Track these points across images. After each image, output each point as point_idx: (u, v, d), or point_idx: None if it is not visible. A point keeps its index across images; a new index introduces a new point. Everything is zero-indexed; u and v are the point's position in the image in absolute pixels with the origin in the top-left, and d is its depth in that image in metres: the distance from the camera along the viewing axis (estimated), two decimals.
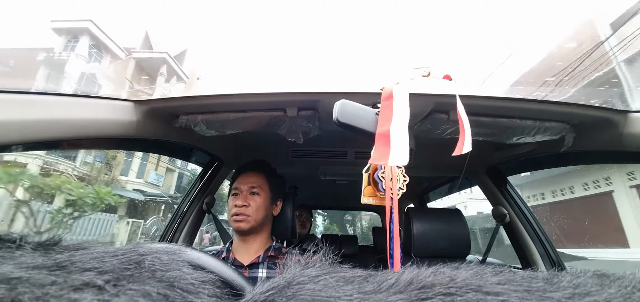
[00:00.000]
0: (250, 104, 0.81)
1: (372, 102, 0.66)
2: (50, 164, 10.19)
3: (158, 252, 0.25)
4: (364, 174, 0.62)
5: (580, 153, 0.95)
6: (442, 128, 0.83)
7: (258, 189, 0.94)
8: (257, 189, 0.94)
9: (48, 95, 0.61)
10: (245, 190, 0.94)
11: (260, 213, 0.92)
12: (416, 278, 0.22)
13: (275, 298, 0.21)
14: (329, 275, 0.24)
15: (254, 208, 0.90)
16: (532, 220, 1.23)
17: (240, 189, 0.94)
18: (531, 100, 0.75)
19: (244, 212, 0.89)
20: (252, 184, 0.94)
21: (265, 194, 0.95)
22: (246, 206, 0.90)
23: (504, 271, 0.24)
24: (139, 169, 13.92)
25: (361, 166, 0.63)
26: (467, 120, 0.54)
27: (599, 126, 0.78)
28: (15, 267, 0.18)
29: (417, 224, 1.15)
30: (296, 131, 0.89)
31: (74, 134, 0.64)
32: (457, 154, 0.51)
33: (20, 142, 0.56)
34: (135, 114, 0.76)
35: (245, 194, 0.93)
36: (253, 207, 0.91)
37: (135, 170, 13.68)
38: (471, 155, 0.53)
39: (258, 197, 0.93)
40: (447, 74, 0.69)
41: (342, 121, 0.57)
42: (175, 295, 0.20)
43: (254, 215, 0.90)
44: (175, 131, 0.91)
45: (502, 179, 1.32)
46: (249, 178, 0.96)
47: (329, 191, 2.36)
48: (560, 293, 0.21)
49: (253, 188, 0.94)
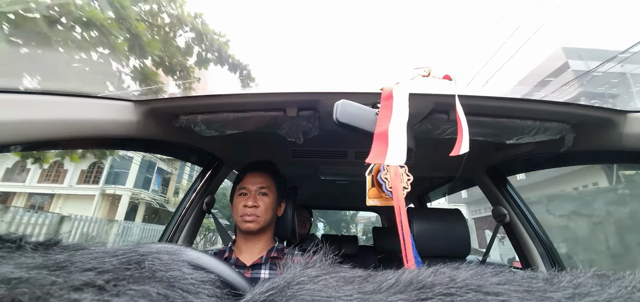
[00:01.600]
0: (250, 104, 0.81)
1: (372, 102, 0.66)
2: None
3: (158, 252, 0.25)
4: (367, 176, 0.62)
5: (580, 153, 0.94)
6: (442, 128, 0.83)
7: (267, 189, 0.94)
8: (266, 190, 0.93)
9: (48, 96, 0.61)
10: (254, 190, 0.93)
11: (269, 214, 0.91)
12: (416, 278, 0.22)
13: (275, 298, 0.21)
14: (329, 275, 0.24)
15: (263, 209, 0.90)
16: (532, 220, 1.23)
17: (248, 189, 0.93)
18: (531, 100, 0.75)
19: (254, 212, 0.89)
20: (261, 185, 0.93)
21: (273, 194, 0.95)
22: (256, 206, 0.89)
23: (504, 271, 0.24)
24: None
25: (361, 166, 0.63)
26: (466, 121, 0.54)
27: (599, 126, 0.78)
28: (15, 267, 0.18)
29: (417, 224, 1.15)
30: (296, 131, 0.89)
31: (74, 134, 0.64)
32: (455, 155, 0.52)
33: (20, 142, 0.56)
34: (135, 114, 0.76)
35: (254, 195, 0.92)
36: (262, 208, 0.90)
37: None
38: (471, 155, 0.53)
39: (267, 198, 0.93)
40: (447, 74, 0.69)
41: (342, 121, 0.57)
42: (175, 295, 0.20)
43: (263, 216, 0.90)
44: (176, 131, 0.91)
45: (502, 179, 1.32)
46: (257, 178, 0.95)
47: (329, 191, 2.36)
48: (560, 293, 0.21)
49: (262, 188, 0.93)
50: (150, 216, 14.25)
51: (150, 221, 12.21)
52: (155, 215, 13.88)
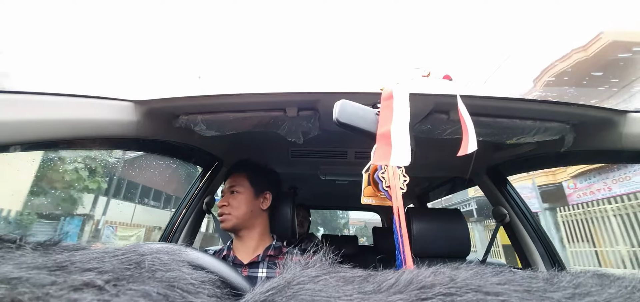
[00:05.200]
0: (250, 104, 0.81)
1: (372, 102, 0.66)
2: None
3: (158, 252, 0.25)
4: (364, 174, 0.62)
5: (580, 153, 0.94)
6: (442, 128, 0.83)
7: (237, 186, 0.98)
8: (236, 187, 0.98)
9: (48, 95, 0.61)
10: (226, 191, 0.99)
11: (242, 209, 0.94)
12: (416, 278, 0.22)
13: (275, 298, 0.21)
14: (329, 275, 0.24)
15: (234, 206, 0.94)
16: (532, 220, 1.23)
17: (224, 191, 1.01)
18: (531, 101, 0.75)
19: (224, 211, 0.94)
20: (230, 184, 0.99)
21: (245, 189, 0.98)
22: (226, 205, 0.95)
23: (504, 271, 0.24)
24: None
25: (361, 166, 0.63)
26: (470, 119, 0.54)
27: (599, 126, 0.78)
28: (15, 267, 0.18)
29: (417, 224, 1.15)
30: (296, 131, 0.89)
31: (74, 134, 0.64)
32: (462, 154, 0.51)
33: (20, 142, 0.56)
34: (135, 114, 0.76)
35: (226, 195, 0.98)
36: (233, 205, 0.94)
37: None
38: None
39: (238, 195, 0.96)
40: (447, 74, 0.69)
41: (342, 121, 0.57)
42: (175, 295, 0.20)
43: (234, 212, 0.93)
44: (176, 131, 0.91)
45: (502, 179, 1.32)
46: (230, 180, 1.01)
47: (328, 191, 2.36)
48: (560, 293, 0.21)
49: (232, 187, 0.98)
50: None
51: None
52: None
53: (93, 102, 0.68)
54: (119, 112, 0.73)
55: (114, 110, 0.72)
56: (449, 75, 0.68)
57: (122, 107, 0.74)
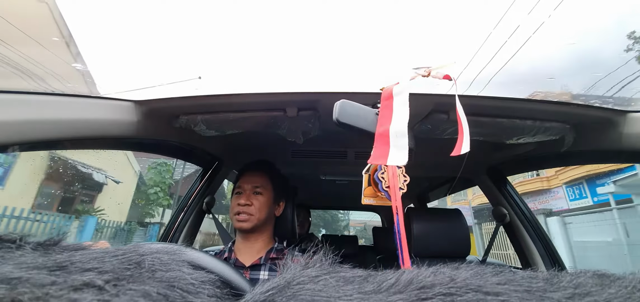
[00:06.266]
0: (250, 104, 0.81)
1: (372, 102, 0.66)
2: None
3: (158, 252, 0.25)
4: (364, 174, 0.62)
5: (580, 153, 0.94)
6: (442, 128, 0.83)
7: (261, 188, 0.94)
8: (260, 189, 0.94)
9: (48, 96, 0.61)
10: (248, 189, 0.94)
11: (263, 213, 0.91)
12: (416, 278, 0.22)
13: (275, 298, 0.21)
14: (329, 275, 0.24)
15: (256, 207, 0.91)
16: (532, 220, 1.23)
17: (243, 188, 0.94)
18: (531, 100, 0.75)
19: (246, 211, 0.89)
20: (255, 184, 0.94)
21: (268, 193, 0.95)
22: (249, 204, 0.90)
23: (504, 271, 0.24)
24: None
25: (361, 166, 0.63)
26: (466, 121, 0.54)
27: (599, 126, 0.78)
28: (15, 267, 0.18)
29: (417, 224, 1.15)
30: (296, 131, 0.89)
31: (74, 134, 0.64)
32: (455, 155, 0.52)
33: (20, 142, 0.56)
34: (135, 114, 0.76)
35: (248, 193, 0.93)
36: (256, 206, 0.91)
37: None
38: (471, 155, 0.53)
39: (261, 197, 0.93)
40: (447, 74, 0.69)
41: (342, 121, 0.57)
42: (175, 295, 0.20)
43: (257, 214, 0.90)
44: (176, 131, 0.91)
45: (502, 179, 1.32)
46: (253, 177, 0.96)
47: (328, 191, 2.36)
48: (560, 293, 0.21)
49: (256, 187, 0.94)
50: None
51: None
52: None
53: (93, 102, 0.68)
54: (119, 112, 0.73)
55: (114, 110, 0.72)
56: (449, 75, 0.68)
57: (122, 107, 0.74)
